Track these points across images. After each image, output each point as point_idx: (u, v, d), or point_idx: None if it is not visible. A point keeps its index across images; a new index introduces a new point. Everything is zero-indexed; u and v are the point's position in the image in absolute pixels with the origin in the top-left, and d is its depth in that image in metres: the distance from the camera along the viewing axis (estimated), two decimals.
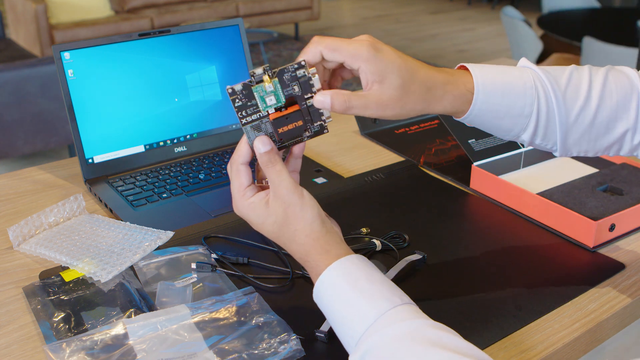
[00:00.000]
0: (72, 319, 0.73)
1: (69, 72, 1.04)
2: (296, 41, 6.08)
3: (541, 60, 3.43)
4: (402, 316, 0.59)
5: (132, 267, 0.83)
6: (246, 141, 0.68)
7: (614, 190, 1.01)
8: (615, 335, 0.80)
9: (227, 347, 0.68)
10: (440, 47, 5.86)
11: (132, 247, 0.86)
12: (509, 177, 1.08)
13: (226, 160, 1.14)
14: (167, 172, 1.10)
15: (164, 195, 1.03)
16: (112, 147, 1.09)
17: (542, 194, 0.97)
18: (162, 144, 1.14)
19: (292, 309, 0.76)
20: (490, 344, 0.71)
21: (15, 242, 0.89)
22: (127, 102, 1.09)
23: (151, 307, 0.75)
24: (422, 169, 1.14)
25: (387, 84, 0.64)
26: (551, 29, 3.48)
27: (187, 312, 0.72)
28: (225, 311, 0.73)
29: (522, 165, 1.11)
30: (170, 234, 0.90)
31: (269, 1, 5.76)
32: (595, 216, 0.91)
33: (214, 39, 1.17)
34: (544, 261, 0.86)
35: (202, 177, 1.08)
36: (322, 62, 0.66)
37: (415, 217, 0.97)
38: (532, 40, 3.37)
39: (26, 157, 3.25)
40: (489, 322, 0.74)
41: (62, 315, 0.74)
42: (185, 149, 1.15)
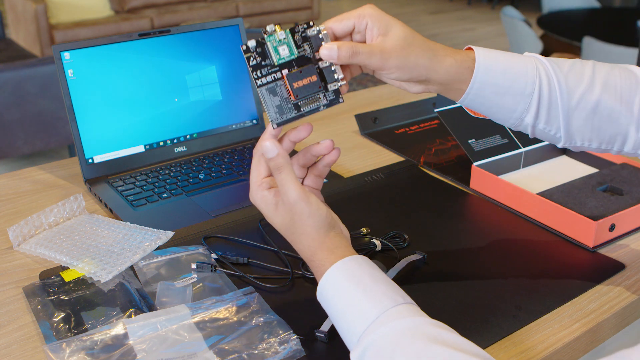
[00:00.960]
0: (72, 319, 0.73)
1: (69, 72, 1.04)
2: None
3: None
4: (403, 314, 0.60)
5: (132, 267, 0.83)
6: (270, 131, 0.67)
7: (614, 190, 1.01)
8: (615, 335, 0.80)
9: (227, 347, 0.68)
10: None
11: (132, 247, 0.86)
12: (509, 177, 1.08)
13: (226, 160, 1.14)
14: (167, 172, 1.10)
15: (164, 195, 1.03)
16: (112, 147, 1.09)
17: (542, 194, 0.97)
18: (162, 144, 1.14)
19: (292, 309, 0.76)
20: (490, 344, 0.71)
21: (15, 242, 0.89)
22: (127, 102, 1.09)
23: (151, 307, 0.75)
24: (422, 169, 1.14)
25: (390, 36, 0.66)
26: (551, 29, 3.49)
27: (187, 312, 0.72)
28: (225, 311, 0.73)
29: (522, 165, 1.11)
30: (170, 234, 0.90)
31: (269, 1, 5.76)
32: (595, 216, 0.91)
33: (214, 39, 1.17)
34: (544, 261, 0.86)
35: (202, 177, 1.08)
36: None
37: (415, 217, 0.97)
38: (532, 40, 3.37)
39: (26, 157, 3.25)
40: (489, 322, 0.74)
41: (62, 315, 0.74)
42: (185, 149, 1.15)
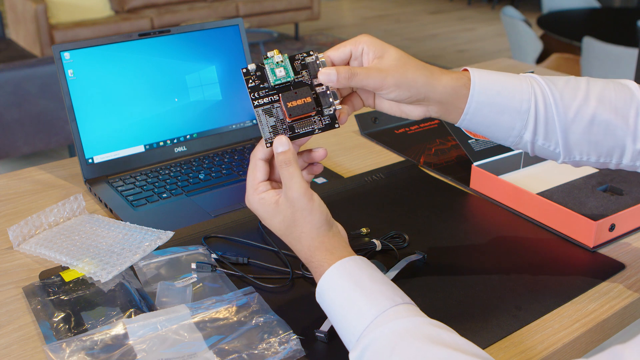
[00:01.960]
0: (72, 319, 0.73)
1: (69, 72, 1.04)
2: (296, 41, 6.08)
3: (541, 60, 3.43)
4: (402, 314, 0.60)
5: (132, 267, 0.83)
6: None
7: (614, 190, 1.01)
8: (615, 335, 0.80)
9: (227, 347, 0.68)
10: (440, 47, 5.86)
11: (132, 247, 0.86)
12: (509, 177, 1.08)
13: (226, 160, 1.14)
14: (167, 172, 1.10)
15: (164, 195, 1.03)
16: (112, 147, 1.09)
17: (542, 194, 0.97)
18: (162, 144, 1.14)
19: (292, 309, 0.76)
20: (490, 344, 0.71)
21: (15, 242, 0.89)
22: (127, 102, 1.09)
23: (151, 307, 0.75)
24: (422, 169, 1.14)
25: (386, 57, 0.69)
26: (551, 29, 3.48)
27: (187, 312, 0.72)
28: (225, 311, 0.73)
29: (522, 165, 1.11)
30: (170, 234, 0.90)
31: (269, 1, 5.75)
32: (595, 216, 0.91)
33: (214, 39, 1.17)
34: (544, 261, 0.86)
35: (202, 177, 1.08)
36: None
37: (415, 217, 0.97)
38: (532, 40, 3.37)
39: (26, 157, 3.25)
40: (489, 322, 0.74)
41: (62, 315, 0.74)
42: (185, 149, 1.15)
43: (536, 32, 3.53)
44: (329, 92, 0.69)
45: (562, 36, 3.35)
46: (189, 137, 1.16)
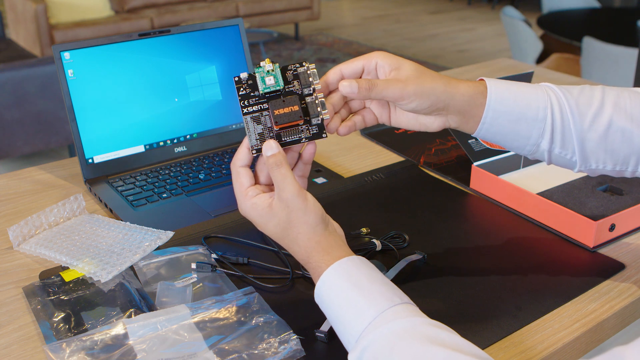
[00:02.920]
0: (72, 319, 0.73)
1: (69, 72, 1.04)
2: (296, 41, 6.08)
3: (541, 60, 3.43)
4: (401, 314, 0.60)
5: (132, 267, 0.83)
6: (246, 145, 0.68)
7: (614, 190, 1.01)
8: (615, 335, 0.80)
9: (227, 347, 0.68)
10: (440, 47, 5.86)
11: (132, 247, 0.86)
12: (509, 177, 1.08)
13: (226, 160, 1.14)
14: (167, 172, 1.10)
15: (164, 195, 1.03)
16: (112, 147, 1.09)
17: (542, 194, 0.97)
18: (162, 144, 1.14)
19: (292, 309, 0.76)
20: (490, 344, 0.71)
21: (15, 242, 0.89)
22: (127, 102, 1.09)
23: (151, 307, 0.75)
24: (422, 169, 1.14)
25: (403, 69, 0.69)
26: (551, 29, 3.48)
27: (187, 312, 0.72)
28: (225, 311, 0.73)
29: (522, 165, 1.11)
30: (170, 234, 0.90)
31: (269, 1, 5.75)
32: (595, 216, 0.91)
33: (214, 39, 1.17)
34: (544, 261, 0.86)
35: (202, 177, 1.08)
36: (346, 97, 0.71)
37: (415, 217, 0.97)
38: (532, 40, 3.37)
39: (26, 157, 3.25)
40: (489, 322, 0.74)
41: (62, 315, 0.74)
42: (185, 149, 1.15)
43: (536, 32, 3.53)
44: (317, 102, 0.69)
45: (562, 36, 3.35)
46: (189, 137, 1.16)
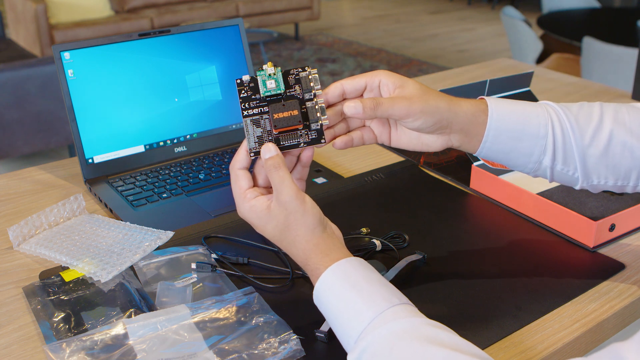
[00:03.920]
0: (72, 319, 0.73)
1: (69, 72, 1.04)
2: (296, 41, 6.08)
3: (541, 60, 3.43)
4: (400, 315, 0.60)
5: (132, 267, 0.83)
6: (245, 147, 0.68)
7: None
8: (615, 335, 0.80)
9: (227, 347, 0.68)
10: (440, 47, 5.86)
11: (132, 247, 0.86)
12: (509, 177, 1.08)
13: (226, 160, 1.14)
14: (167, 172, 1.10)
15: (164, 195, 1.03)
16: (112, 147, 1.09)
17: (542, 194, 0.97)
18: (162, 144, 1.14)
19: (292, 309, 0.76)
20: (490, 344, 0.71)
21: (15, 242, 0.89)
22: (127, 102, 1.09)
23: (151, 307, 0.75)
24: (422, 169, 1.14)
25: (407, 88, 0.70)
26: (551, 29, 3.48)
27: (187, 312, 0.72)
28: (225, 311, 0.73)
29: None
30: (170, 234, 0.90)
31: (269, 1, 5.76)
32: (595, 216, 0.91)
33: (214, 39, 1.17)
34: (544, 261, 0.86)
35: (202, 177, 1.08)
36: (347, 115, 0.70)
37: (415, 217, 0.97)
38: (532, 40, 3.37)
39: (26, 157, 3.25)
40: (489, 322, 0.74)
41: (62, 315, 0.74)
42: (185, 149, 1.15)
43: (536, 32, 3.53)
44: (317, 107, 0.69)
45: (562, 36, 3.35)
46: (189, 137, 1.16)
